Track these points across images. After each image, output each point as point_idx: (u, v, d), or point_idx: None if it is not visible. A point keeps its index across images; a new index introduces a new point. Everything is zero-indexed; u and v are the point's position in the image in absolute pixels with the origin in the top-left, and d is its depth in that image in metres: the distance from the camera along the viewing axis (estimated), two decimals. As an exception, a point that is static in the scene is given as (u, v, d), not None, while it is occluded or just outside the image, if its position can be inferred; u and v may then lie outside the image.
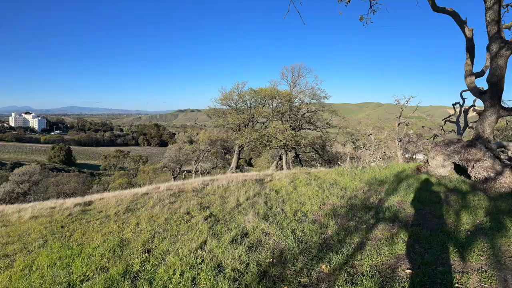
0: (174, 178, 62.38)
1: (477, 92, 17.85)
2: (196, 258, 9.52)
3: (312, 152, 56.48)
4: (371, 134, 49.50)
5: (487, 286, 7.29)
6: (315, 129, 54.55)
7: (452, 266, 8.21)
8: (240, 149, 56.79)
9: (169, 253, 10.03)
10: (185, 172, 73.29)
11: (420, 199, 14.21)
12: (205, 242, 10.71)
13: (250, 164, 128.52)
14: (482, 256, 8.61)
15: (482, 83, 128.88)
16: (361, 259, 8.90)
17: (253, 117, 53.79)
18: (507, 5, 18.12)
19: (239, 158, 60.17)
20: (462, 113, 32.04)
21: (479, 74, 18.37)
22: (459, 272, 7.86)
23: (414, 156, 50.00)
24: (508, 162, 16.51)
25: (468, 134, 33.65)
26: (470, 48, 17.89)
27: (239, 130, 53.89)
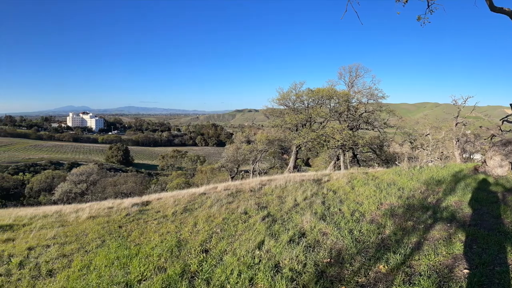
0: (232, 178, 62.87)
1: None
2: (254, 258, 9.67)
3: (370, 152, 55.95)
4: (428, 134, 49.01)
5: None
6: (373, 129, 54.00)
7: (510, 266, 8.12)
8: (297, 149, 56.76)
9: (226, 253, 10.22)
10: (243, 172, 73.67)
11: (478, 199, 14.10)
12: (262, 242, 10.85)
13: (307, 164, 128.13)
14: (540, 257, 8.44)
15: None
16: (419, 259, 8.95)
17: (310, 117, 53.61)
18: None
19: (296, 158, 60.09)
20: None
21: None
22: (516, 272, 7.73)
23: (471, 156, 49.52)
24: None
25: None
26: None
27: (296, 130, 53.88)
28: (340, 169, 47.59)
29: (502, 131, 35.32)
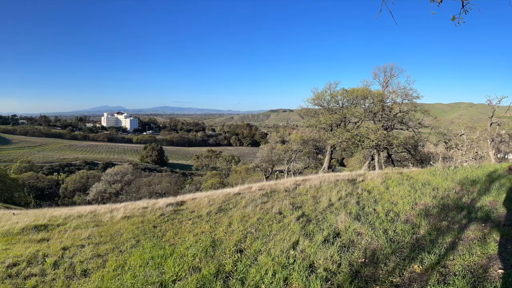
0: (266, 178, 62.85)
1: None
2: (288, 258, 9.72)
3: (404, 152, 55.51)
4: (463, 134, 48.66)
5: None
6: (407, 129, 53.65)
7: (546, 266, 7.99)
8: (332, 149, 56.70)
9: (261, 253, 10.26)
10: (277, 172, 73.72)
11: (513, 199, 13.83)
12: (297, 242, 10.88)
13: (342, 164, 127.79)
14: None
15: None
16: (453, 259, 8.96)
17: (345, 117, 53.60)
18: None
19: (331, 158, 59.95)
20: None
21: None
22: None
23: (506, 156, 49.04)
24: None
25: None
26: None
27: (331, 130, 53.88)
28: (374, 169, 47.36)
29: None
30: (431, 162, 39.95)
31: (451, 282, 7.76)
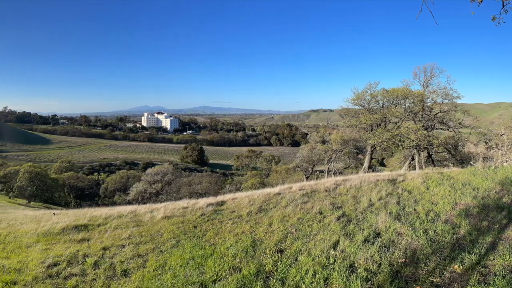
0: (307, 178, 63.01)
1: None
2: (329, 258, 9.80)
3: (445, 152, 54.99)
4: (503, 134, 47.70)
5: None
6: (447, 129, 53.15)
7: None
8: (372, 149, 56.58)
9: (301, 253, 10.34)
10: (318, 172, 73.72)
11: (553, 198, 13.60)
12: (337, 242, 10.95)
13: (382, 164, 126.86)
14: None
15: None
16: (494, 259, 8.94)
17: (385, 117, 53.46)
18: None
19: (371, 158, 59.80)
20: None
21: None
22: None
23: None
24: None
25: None
26: None
27: (371, 130, 53.85)
28: (415, 169, 47.12)
29: None
30: (471, 162, 39.46)
31: (491, 282, 7.79)
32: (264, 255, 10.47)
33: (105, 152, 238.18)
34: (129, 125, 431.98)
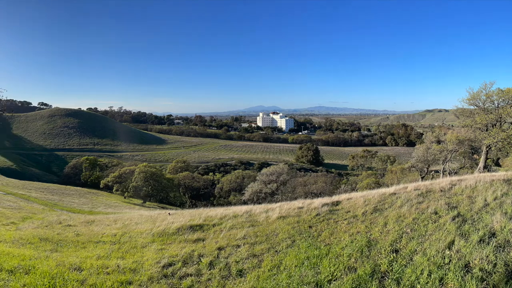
0: (422, 178, 62.90)
1: None
2: (444, 258, 9.77)
3: None
4: None
5: None
6: None
7: None
8: (487, 149, 55.18)
9: (416, 253, 10.35)
10: (433, 172, 72.91)
11: None
12: (452, 242, 10.84)
13: (497, 164, 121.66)
14: None
15: None
16: None
17: (500, 117, 51.95)
18: None
19: (486, 158, 58.24)
20: None
21: None
22: None
23: None
24: None
25: None
26: None
27: (486, 130, 52.55)
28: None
29: None
30: None
31: None
32: (379, 255, 10.53)
33: (220, 152, 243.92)
34: (244, 125, 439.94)
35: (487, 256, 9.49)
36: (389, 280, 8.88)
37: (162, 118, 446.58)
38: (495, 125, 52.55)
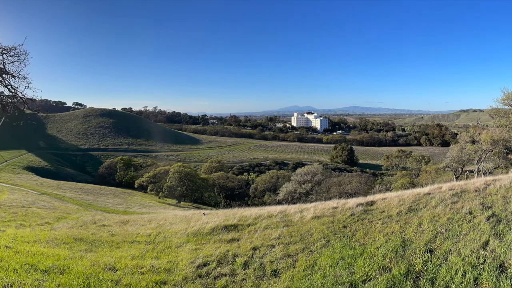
0: (456, 178, 62.44)
1: None
2: (478, 258, 9.72)
3: None
4: None
5: None
6: None
7: None
8: (522, 149, 54.57)
9: (451, 253, 10.33)
10: (467, 172, 72.35)
11: None
12: (487, 242, 10.75)
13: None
14: None
15: None
16: None
17: None
18: None
19: (521, 158, 57.70)
20: None
21: None
22: None
23: None
24: None
25: None
26: None
27: None
28: None
29: None
30: None
31: None
32: (414, 255, 10.52)
33: (255, 152, 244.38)
34: (279, 125, 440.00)
35: (523, 256, 9.42)
36: (424, 280, 8.89)
37: (197, 118, 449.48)
38: (530, 125, 52.14)
